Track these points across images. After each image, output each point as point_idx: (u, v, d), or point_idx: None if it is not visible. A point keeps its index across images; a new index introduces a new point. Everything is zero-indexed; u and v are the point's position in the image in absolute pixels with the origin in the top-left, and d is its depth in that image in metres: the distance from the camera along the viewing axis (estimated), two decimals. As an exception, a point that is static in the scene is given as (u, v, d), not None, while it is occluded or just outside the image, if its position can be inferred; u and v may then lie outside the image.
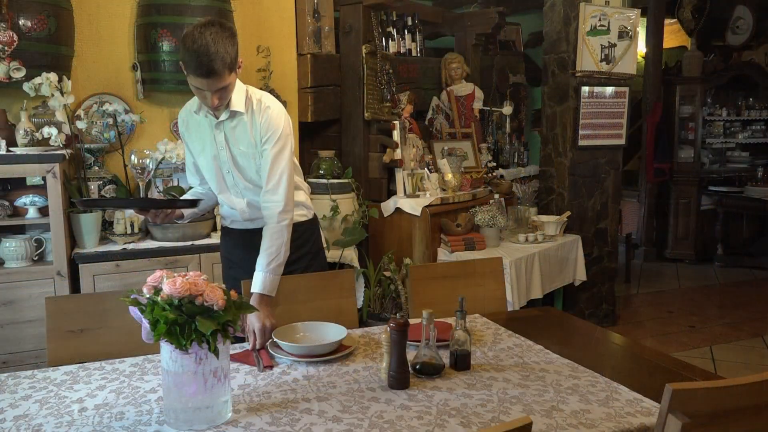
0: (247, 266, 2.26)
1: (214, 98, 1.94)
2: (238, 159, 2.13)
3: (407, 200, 3.75)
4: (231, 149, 2.12)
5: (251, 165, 2.13)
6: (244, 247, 2.28)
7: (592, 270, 4.55)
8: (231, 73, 1.93)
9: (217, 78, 1.89)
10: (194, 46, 1.84)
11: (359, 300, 3.62)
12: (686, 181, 6.73)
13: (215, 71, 1.87)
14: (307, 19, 3.82)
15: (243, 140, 2.10)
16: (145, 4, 3.24)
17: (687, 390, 1.19)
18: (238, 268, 2.30)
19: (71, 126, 2.94)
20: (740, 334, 4.64)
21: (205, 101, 1.98)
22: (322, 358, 1.80)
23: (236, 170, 2.15)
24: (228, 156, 2.13)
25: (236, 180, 2.16)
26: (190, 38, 1.86)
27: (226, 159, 2.13)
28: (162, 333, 1.36)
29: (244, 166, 2.14)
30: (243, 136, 2.10)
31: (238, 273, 2.27)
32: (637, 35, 4.48)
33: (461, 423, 1.42)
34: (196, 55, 1.84)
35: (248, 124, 2.09)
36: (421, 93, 4.50)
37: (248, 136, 2.10)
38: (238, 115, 2.08)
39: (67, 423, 1.44)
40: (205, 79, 1.88)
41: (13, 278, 2.77)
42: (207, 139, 2.14)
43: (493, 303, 2.41)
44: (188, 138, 2.21)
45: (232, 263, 2.36)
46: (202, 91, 1.93)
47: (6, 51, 2.74)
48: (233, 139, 2.11)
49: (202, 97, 1.97)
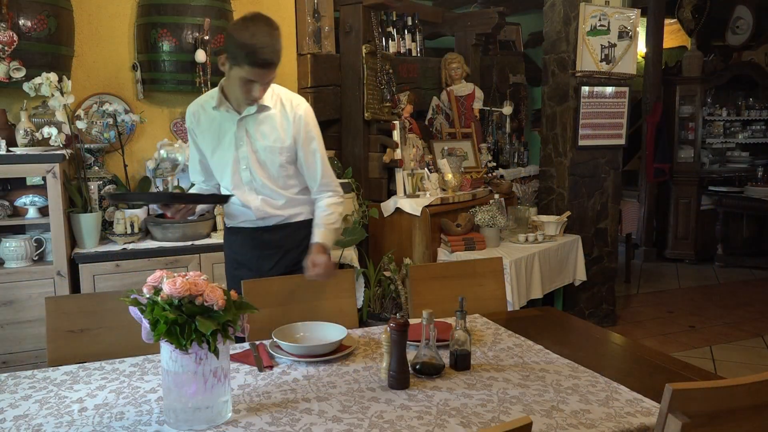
0: (256, 266, 2.27)
1: (262, 90, 2.02)
2: (260, 154, 2.14)
3: (407, 200, 3.75)
4: (253, 144, 2.13)
5: (275, 160, 2.15)
6: (252, 247, 2.27)
7: (592, 270, 4.55)
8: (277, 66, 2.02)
9: (272, 70, 1.97)
10: (253, 39, 1.90)
11: (359, 300, 3.62)
12: (686, 181, 6.73)
13: (273, 63, 1.95)
14: (307, 19, 3.82)
15: (270, 135, 2.13)
16: (145, 4, 3.24)
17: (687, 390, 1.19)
18: (246, 268, 2.29)
19: (71, 126, 2.94)
20: (740, 334, 4.64)
21: (249, 94, 2.01)
22: (322, 358, 1.80)
23: (257, 166, 2.15)
24: (249, 151, 2.13)
25: (254, 176, 2.16)
26: (247, 31, 1.91)
27: (246, 154, 2.14)
28: (162, 333, 1.36)
29: (267, 161, 2.15)
30: (270, 131, 2.13)
31: (245, 273, 2.26)
32: (637, 35, 4.48)
33: (461, 423, 1.42)
34: (258, 47, 1.90)
35: (277, 119, 2.13)
36: (421, 93, 4.50)
37: (277, 131, 2.13)
38: (265, 109, 2.11)
39: (67, 423, 1.44)
40: (262, 70, 1.94)
41: (13, 278, 2.77)
42: (225, 135, 2.14)
43: (493, 303, 2.41)
44: (198, 133, 2.20)
45: (239, 264, 2.32)
46: (252, 83, 1.98)
47: (6, 51, 2.74)
48: (258, 134, 2.13)
49: (247, 89, 2.00)
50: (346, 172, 3.78)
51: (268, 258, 2.27)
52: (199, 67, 3.20)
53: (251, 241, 2.27)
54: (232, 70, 1.98)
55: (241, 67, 1.95)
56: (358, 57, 3.84)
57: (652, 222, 6.90)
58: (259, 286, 2.15)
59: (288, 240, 2.27)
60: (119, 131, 3.23)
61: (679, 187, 6.76)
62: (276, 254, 2.27)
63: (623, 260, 5.98)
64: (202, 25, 3.17)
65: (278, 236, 2.25)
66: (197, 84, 3.23)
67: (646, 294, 5.69)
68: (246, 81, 1.98)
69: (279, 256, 2.27)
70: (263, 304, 2.08)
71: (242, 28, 1.93)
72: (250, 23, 1.93)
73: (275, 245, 2.26)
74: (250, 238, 2.28)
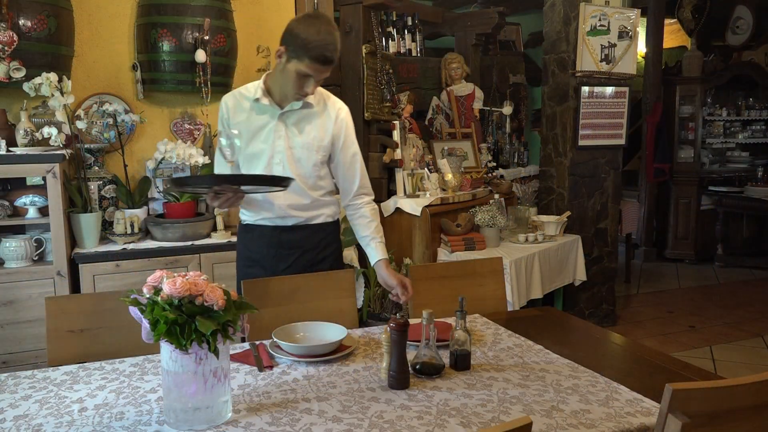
0: (270, 265, 2.26)
1: (314, 86, 2.06)
2: (296, 150, 2.15)
3: (407, 200, 3.75)
4: (291, 140, 2.15)
5: (312, 158, 2.16)
6: (269, 246, 2.25)
7: (592, 270, 4.55)
8: None
9: (330, 67, 2.02)
10: (320, 35, 1.95)
11: (359, 300, 3.62)
12: (686, 181, 6.74)
13: (333, 61, 2.00)
14: (307, 19, 3.82)
15: (310, 132, 2.16)
16: (145, 4, 3.24)
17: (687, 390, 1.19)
18: (259, 266, 2.27)
19: (71, 126, 2.94)
20: (740, 334, 4.64)
21: (301, 89, 2.05)
22: (322, 358, 1.80)
23: (291, 162, 2.15)
24: (285, 146, 2.14)
25: (286, 171, 2.15)
26: (313, 27, 1.96)
27: (282, 149, 2.14)
28: (162, 333, 1.36)
29: (302, 158, 2.16)
30: (311, 128, 2.16)
31: (258, 272, 2.25)
32: (637, 35, 4.48)
33: (461, 423, 1.42)
34: (323, 44, 1.95)
35: (319, 118, 2.17)
36: (421, 93, 4.50)
37: (317, 129, 2.16)
38: (309, 106, 2.15)
39: (67, 423, 1.44)
40: (322, 67, 1.99)
41: (13, 278, 2.77)
42: (263, 128, 2.15)
43: (493, 303, 2.41)
44: (234, 124, 2.18)
45: (253, 262, 2.29)
46: (307, 78, 2.02)
47: (6, 51, 2.74)
48: (297, 129, 2.15)
49: (301, 84, 2.03)
50: (346, 172, 3.77)
51: (285, 257, 2.25)
52: (199, 67, 3.20)
53: (268, 240, 2.25)
54: (290, 63, 2.01)
55: (300, 60, 1.98)
56: (358, 57, 3.84)
57: (652, 222, 6.90)
58: (259, 286, 2.15)
59: (306, 241, 2.25)
60: (119, 131, 3.23)
61: (679, 187, 6.76)
62: (293, 254, 2.25)
63: (623, 260, 5.98)
64: (202, 25, 3.17)
65: (297, 236, 2.24)
66: (197, 84, 3.23)
67: (646, 294, 5.69)
68: (302, 75, 2.01)
69: (295, 256, 2.25)
70: (263, 304, 2.09)
71: (308, 24, 1.97)
72: (316, 20, 1.99)
73: (293, 245, 2.24)
74: (268, 237, 2.25)
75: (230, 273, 3.09)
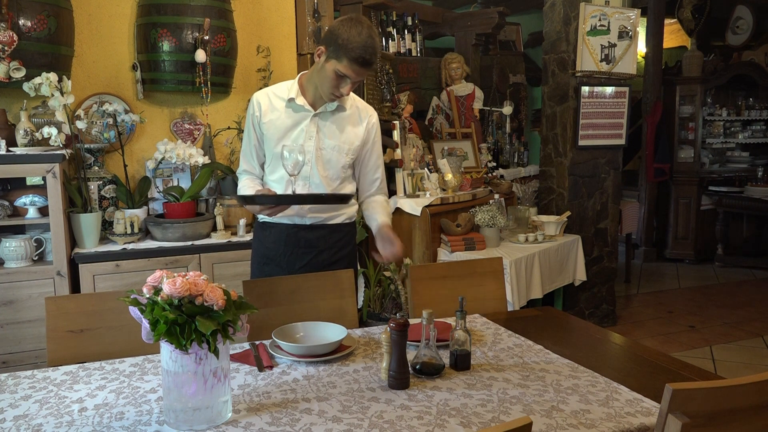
0: (286, 263, 2.27)
1: (349, 88, 2.08)
2: (326, 152, 2.18)
3: (407, 200, 3.75)
4: (321, 141, 2.17)
5: (340, 160, 2.19)
6: (286, 244, 2.26)
7: (592, 270, 4.55)
8: None
9: (368, 70, 2.04)
10: (361, 37, 1.97)
11: (359, 300, 3.62)
12: (686, 181, 6.74)
13: (372, 64, 2.02)
14: (307, 19, 3.82)
15: (340, 135, 2.18)
16: (145, 4, 3.24)
17: (687, 390, 1.19)
18: (275, 264, 2.28)
19: (71, 126, 2.94)
20: (740, 334, 4.64)
21: (337, 89, 2.07)
22: (322, 358, 1.80)
23: (320, 163, 2.17)
24: (314, 147, 2.16)
25: (313, 172, 2.18)
26: (355, 29, 1.98)
27: (312, 149, 2.16)
28: (162, 333, 1.36)
29: (331, 160, 2.19)
30: (343, 131, 2.18)
31: (273, 270, 2.26)
32: (637, 35, 4.48)
33: (461, 423, 1.42)
34: (364, 46, 1.97)
35: (351, 121, 2.20)
36: (421, 93, 4.50)
37: (348, 132, 2.19)
38: (342, 109, 2.18)
39: (67, 423, 1.44)
40: (362, 68, 2.01)
41: (13, 278, 2.77)
42: (294, 127, 2.17)
43: (493, 303, 2.41)
44: (265, 122, 2.19)
45: (269, 259, 2.30)
46: (344, 79, 2.04)
47: (6, 51, 2.74)
48: (328, 131, 2.18)
49: (337, 84, 2.05)
50: (346, 172, 3.77)
51: (301, 256, 2.26)
52: (199, 67, 3.20)
53: (285, 238, 2.26)
54: (328, 62, 2.03)
55: (339, 61, 2.00)
56: (358, 57, 3.83)
57: (652, 222, 6.90)
58: (259, 286, 2.15)
59: (323, 241, 2.27)
60: (119, 131, 3.23)
61: (679, 187, 6.76)
62: (309, 253, 2.26)
63: (623, 260, 5.98)
64: (202, 25, 3.17)
65: (314, 235, 2.26)
66: (197, 84, 3.23)
67: (646, 294, 5.69)
68: (339, 76, 2.03)
69: (312, 255, 2.26)
70: (263, 304, 2.09)
71: (351, 26, 2.00)
72: (358, 24, 2.01)
73: (310, 244, 2.26)
74: (285, 235, 2.26)
75: (230, 273, 3.11)
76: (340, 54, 2.00)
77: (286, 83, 2.23)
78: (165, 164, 3.32)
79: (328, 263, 2.27)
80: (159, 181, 3.37)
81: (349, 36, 1.98)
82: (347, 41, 1.98)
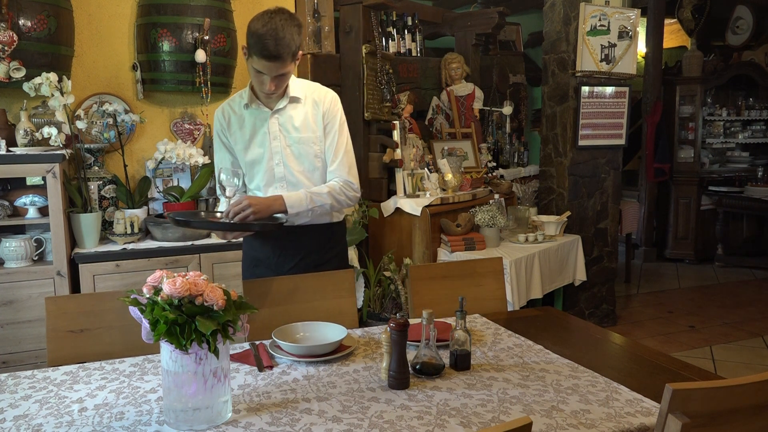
0: (276, 265, 2.26)
1: (272, 84, 2.01)
2: (294, 147, 2.16)
3: (407, 200, 3.75)
4: (287, 138, 2.15)
5: (310, 151, 2.16)
6: (274, 246, 2.26)
7: (592, 270, 4.55)
8: (292, 61, 2.00)
9: (280, 63, 1.96)
10: (263, 29, 1.91)
11: (359, 300, 3.62)
12: (686, 181, 6.74)
13: (280, 56, 1.94)
14: (307, 19, 3.82)
15: (302, 127, 2.14)
16: (145, 4, 3.24)
17: (687, 390, 1.19)
18: (264, 266, 2.27)
19: (71, 126, 2.94)
20: (740, 334, 4.64)
21: (262, 86, 2.03)
22: (322, 358, 1.80)
23: (291, 160, 2.16)
24: (282, 145, 2.15)
25: (288, 170, 2.16)
26: (259, 21, 1.93)
27: (280, 149, 2.15)
28: (162, 333, 1.36)
29: (302, 154, 2.16)
30: (303, 122, 2.14)
31: (263, 272, 2.25)
32: (637, 35, 4.48)
33: (461, 423, 1.42)
34: (264, 37, 1.91)
35: (309, 111, 2.15)
36: (421, 93, 4.50)
37: (309, 123, 2.15)
38: (296, 101, 2.14)
39: (67, 423, 1.44)
40: (269, 63, 1.94)
41: (13, 278, 2.77)
42: (257, 132, 2.16)
43: (493, 303, 2.41)
44: (230, 136, 2.19)
45: (259, 261, 2.30)
46: (261, 75, 1.99)
47: (6, 51, 2.74)
48: (291, 126, 2.15)
49: (260, 81, 2.02)
50: (346, 172, 3.77)
51: (290, 258, 2.25)
52: (199, 67, 3.20)
53: (273, 240, 2.25)
54: (249, 60, 2.00)
55: (252, 57, 1.98)
56: (358, 57, 3.84)
57: (652, 222, 6.90)
58: (259, 286, 2.15)
59: (311, 242, 2.26)
60: (119, 131, 3.23)
61: (679, 187, 6.76)
62: (298, 255, 2.25)
63: (623, 260, 5.98)
64: (202, 25, 3.17)
65: (302, 237, 2.24)
66: (197, 84, 3.23)
67: (646, 294, 5.69)
68: (257, 73, 2.00)
69: (300, 256, 2.25)
70: (263, 304, 2.09)
71: (256, 19, 1.95)
72: (267, 14, 1.95)
73: (298, 246, 2.25)
74: (272, 237, 2.25)
75: (230, 273, 3.10)
76: (250, 50, 1.97)
77: (239, 92, 2.21)
78: (165, 164, 3.32)
79: (318, 264, 2.25)
80: (159, 181, 3.37)
81: (255, 30, 1.93)
82: (252, 35, 1.94)
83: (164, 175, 3.38)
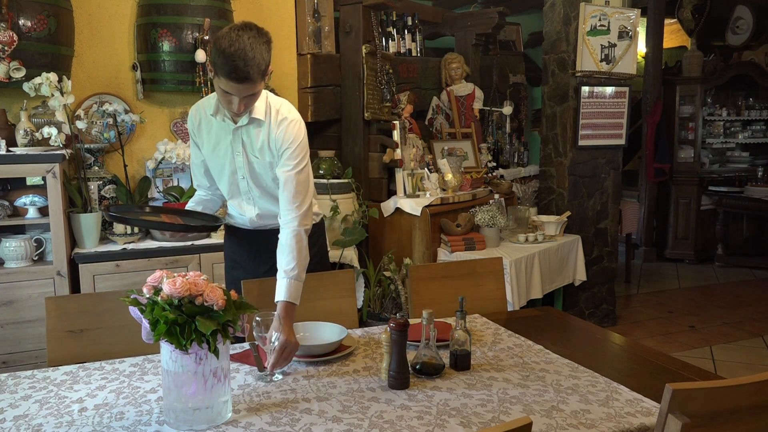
0: (251, 267, 2.26)
1: (242, 104, 1.88)
2: (254, 165, 2.07)
3: (407, 200, 3.75)
4: (248, 155, 2.06)
5: (268, 173, 2.07)
6: (249, 248, 2.26)
7: (592, 270, 4.55)
8: (262, 80, 1.87)
9: (249, 84, 1.82)
10: (231, 49, 1.76)
11: (359, 300, 3.62)
12: (686, 181, 6.73)
13: (249, 77, 1.80)
14: (307, 19, 3.82)
15: (261, 150, 2.04)
16: (145, 4, 3.24)
17: (687, 390, 1.19)
18: (242, 269, 2.28)
19: (71, 126, 2.94)
20: (740, 334, 4.64)
21: (230, 106, 1.90)
22: (322, 358, 1.80)
23: (251, 177, 2.09)
24: (244, 161, 2.07)
25: (251, 186, 2.11)
26: (226, 40, 1.77)
27: (242, 164, 2.07)
28: (162, 333, 1.36)
29: (261, 173, 2.08)
30: (261, 144, 2.03)
31: (241, 274, 2.25)
32: (637, 35, 4.48)
33: (461, 423, 1.42)
34: (232, 59, 1.76)
35: (265, 134, 2.02)
36: (421, 93, 4.50)
37: (266, 148, 2.04)
38: (258, 122, 2.01)
39: (67, 423, 1.44)
40: (238, 84, 1.80)
41: (13, 278, 2.77)
42: (222, 143, 2.08)
43: (493, 303, 2.41)
44: (198, 137, 2.14)
45: (236, 263, 2.31)
46: (229, 96, 1.86)
47: (6, 51, 2.74)
48: (251, 145, 2.04)
49: (228, 101, 1.88)
50: (346, 172, 3.78)
51: (265, 261, 2.23)
52: (199, 67, 3.20)
53: (248, 243, 2.26)
54: (215, 79, 1.85)
55: (218, 77, 1.82)
56: (358, 57, 3.84)
57: (652, 222, 6.89)
58: (258, 286, 2.15)
59: None
60: (119, 131, 3.23)
61: (679, 187, 6.76)
62: (272, 257, 2.22)
63: (623, 260, 5.98)
64: (202, 25, 3.17)
65: (275, 241, 2.22)
66: (197, 84, 3.23)
67: (646, 294, 5.69)
68: (224, 92, 1.86)
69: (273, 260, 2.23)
70: (263, 304, 2.09)
71: (223, 37, 1.79)
72: (234, 32, 1.79)
73: (271, 249, 2.20)
74: (247, 240, 2.26)
75: (230, 273, 3.10)
76: (217, 70, 1.80)
77: (212, 95, 2.06)
78: (165, 164, 3.32)
79: None
80: (159, 181, 3.37)
81: (222, 49, 1.76)
82: (218, 55, 1.77)
83: (164, 175, 3.38)
